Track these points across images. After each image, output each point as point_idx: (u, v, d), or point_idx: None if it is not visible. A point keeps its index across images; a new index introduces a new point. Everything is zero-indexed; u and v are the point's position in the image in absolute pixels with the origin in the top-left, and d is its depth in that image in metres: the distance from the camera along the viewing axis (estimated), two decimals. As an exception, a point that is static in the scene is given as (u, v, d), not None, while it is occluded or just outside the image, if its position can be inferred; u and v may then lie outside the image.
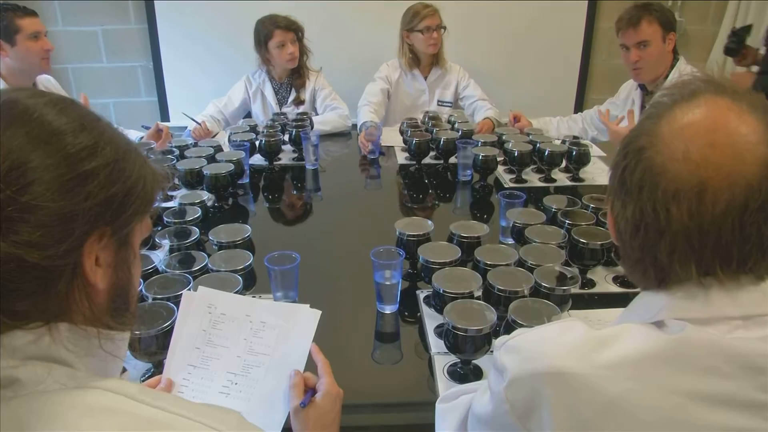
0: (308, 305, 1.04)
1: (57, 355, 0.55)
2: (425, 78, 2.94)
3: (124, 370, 1.14)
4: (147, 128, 2.45)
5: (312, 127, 2.49)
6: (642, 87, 2.42)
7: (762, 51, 2.44)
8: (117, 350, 0.63)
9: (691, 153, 0.61)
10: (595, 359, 0.64)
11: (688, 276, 0.64)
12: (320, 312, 1.02)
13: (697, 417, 0.61)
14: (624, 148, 0.69)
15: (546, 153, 2.08)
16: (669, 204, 0.62)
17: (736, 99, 0.64)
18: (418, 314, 1.33)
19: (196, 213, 1.61)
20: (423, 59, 2.91)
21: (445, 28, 2.83)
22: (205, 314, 1.02)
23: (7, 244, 0.50)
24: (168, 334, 1.04)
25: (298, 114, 2.64)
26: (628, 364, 0.63)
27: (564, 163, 2.14)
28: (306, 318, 1.02)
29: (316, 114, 2.85)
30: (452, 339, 1.08)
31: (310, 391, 0.95)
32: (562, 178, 2.16)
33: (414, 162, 2.31)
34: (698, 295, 0.65)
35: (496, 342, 0.73)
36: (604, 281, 1.44)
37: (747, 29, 2.39)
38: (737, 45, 2.66)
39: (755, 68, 2.62)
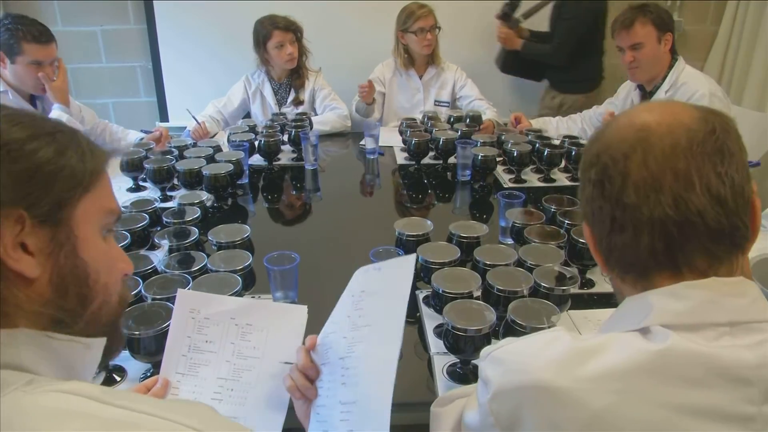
0: (305, 307, 1.03)
1: (13, 360, 0.54)
2: (420, 77, 2.94)
3: (123, 370, 1.14)
4: (147, 132, 2.45)
5: (311, 128, 2.49)
6: (641, 87, 2.43)
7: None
8: (74, 352, 0.60)
9: (633, 122, 0.68)
10: (578, 372, 0.63)
11: (659, 212, 0.64)
12: (306, 307, 1.01)
13: (683, 430, 0.60)
14: (582, 159, 0.74)
15: (545, 153, 2.08)
16: (623, 157, 0.66)
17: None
18: (418, 314, 1.33)
19: (195, 213, 1.61)
20: (418, 59, 2.91)
21: (439, 28, 2.84)
22: (188, 320, 0.99)
23: None
24: (167, 334, 1.04)
25: (297, 114, 2.64)
26: (611, 378, 0.62)
27: (563, 163, 2.15)
28: (293, 315, 1.01)
29: (316, 114, 2.85)
30: (452, 339, 1.08)
31: None
32: (561, 178, 2.16)
33: (413, 162, 2.31)
34: (682, 298, 0.64)
35: (482, 352, 0.73)
36: (603, 281, 1.44)
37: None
38: (511, 11, 2.97)
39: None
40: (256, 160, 2.30)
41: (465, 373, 1.12)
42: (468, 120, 2.54)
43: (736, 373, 0.61)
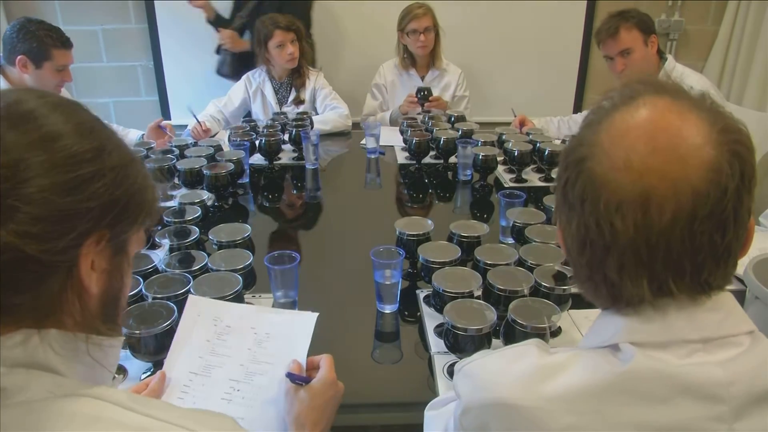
0: (309, 311, 1.05)
1: (44, 360, 0.55)
2: (422, 78, 2.94)
3: (124, 369, 1.14)
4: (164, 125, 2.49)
5: (312, 127, 2.49)
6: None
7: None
8: (105, 358, 0.62)
9: (632, 161, 0.57)
10: (541, 391, 0.62)
11: (640, 293, 0.60)
12: (317, 314, 1.02)
13: None
14: (564, 159, 0.65)
15: (546, 152, 2.08)
16: (613, 217, 0.58)
17: (677, 98, 0.61)
18: (418, 314, 1.33)
19: (196, 212, 1.61)
20: (418, 59, 2.92)
21: (437, 29, 2.83)
22: (211, 326, 1.03)
23: (7, 232, 0.50)
24: (168, 333, 1.04)
25: (298, 113, 2.64)
26: (574, 397, 0.61)
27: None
28: (304, 321, 1.03)
29: (316, 113, 2.85)
30: (452, 338, 1.09)
31: (309, 377, 0.95)
32: (562, 178, 2.15)
33: (414, 161, 2.31)
34: (655, 319, 0.61)
35: (456, 365, 0.72)
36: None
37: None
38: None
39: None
40: (257, 159, 2.30)
41: (465, 373, 1.12)
42: (423, 93, 2.73)
43: (706, 390, 0.59)
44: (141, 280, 1.23)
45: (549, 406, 0.61)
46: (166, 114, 3.65)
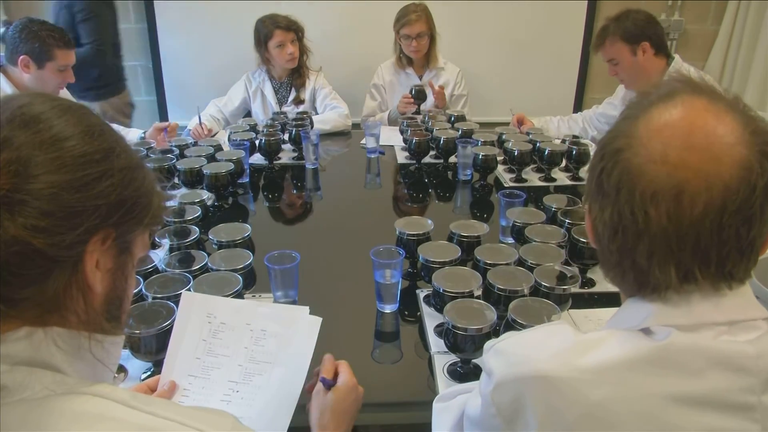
0: (308, 308, 1.05)
1: (47, 358, 0.56)
2: (420, 77, 2.95)
3: (124, 369, 1.14)
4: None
5: (312, 127, 2.49)
6: (641, 88, 2.43)
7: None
8: (107, 357, 0.63)
9: (668, 155, 0.61)
10: (578, 363, 0.64)
11: (667, 279, 0.64)
12: (321, 319, 1.02)
13: (682, 420, 0.61)
14: (601, 150, 0.68)
15: (546, 152, 2.08)
16: (647, 206, 0.61)
17: (713, 99, 0.64)
18: (418, 313, 1.33)
19: (196, 212, 1.61)
20: (415, 60, 2.92)
21: (432, 32, 2.83)
22: (205, 323, 1.02)
23: (16, 226, 0.51)
24: (168, 333, 1.04)
25: (298, 113, 2.64)
26: (611, 369, 0.63)
27: (564, 163, 2.15)
28: (307, 325, 1.02)
29: (316, 113, 2.85)
30: (452, 338, 1.08)
31: (333, 381, 0.97)
32: (562, 178, 2.16)
33: (414, 161, 2.31)
34: (681, 304, 0.65)
35: (486, 345, 0.74)
36: (603, 280, 1.44)
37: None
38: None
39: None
40: (257, 159, 2.30)
41: (466, 372, 1.12)
42: (414, 92, 2.76)
43: (737, 363, 0.61)
44: (141, 280, 1.23)
45: (587, 377, 0.63)
46: (163, 114, 3.64)
